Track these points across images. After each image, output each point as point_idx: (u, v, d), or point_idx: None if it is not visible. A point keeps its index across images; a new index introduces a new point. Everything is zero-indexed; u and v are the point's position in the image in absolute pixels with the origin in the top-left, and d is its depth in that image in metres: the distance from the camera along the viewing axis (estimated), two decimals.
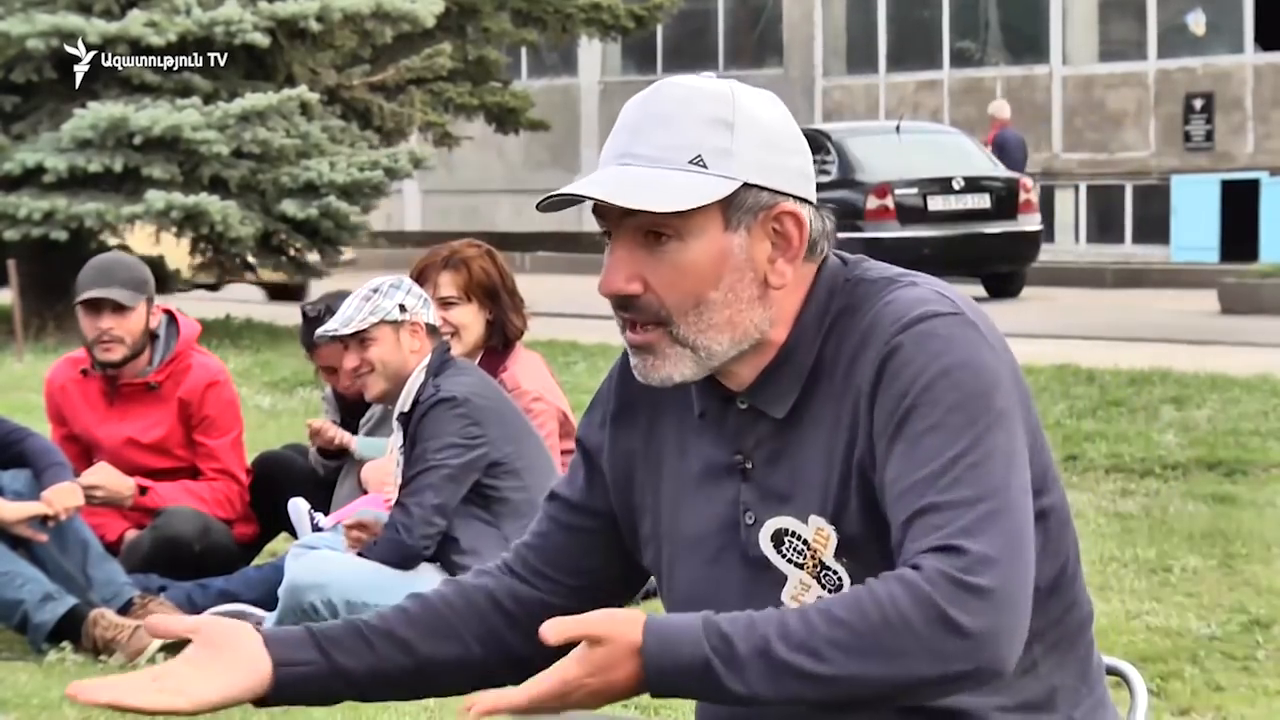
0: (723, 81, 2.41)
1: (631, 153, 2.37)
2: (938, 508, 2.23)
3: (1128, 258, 25.49)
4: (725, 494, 2.44)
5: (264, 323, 16.95)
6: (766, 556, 2.40)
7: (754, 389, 2.42)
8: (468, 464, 5.69)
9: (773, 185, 2.36)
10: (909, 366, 2.30)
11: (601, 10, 20.95)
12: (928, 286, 2.40)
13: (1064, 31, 27.90)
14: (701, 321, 2.36)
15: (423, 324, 5.83)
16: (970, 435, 2.26)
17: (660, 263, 2.37)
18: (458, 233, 17.30)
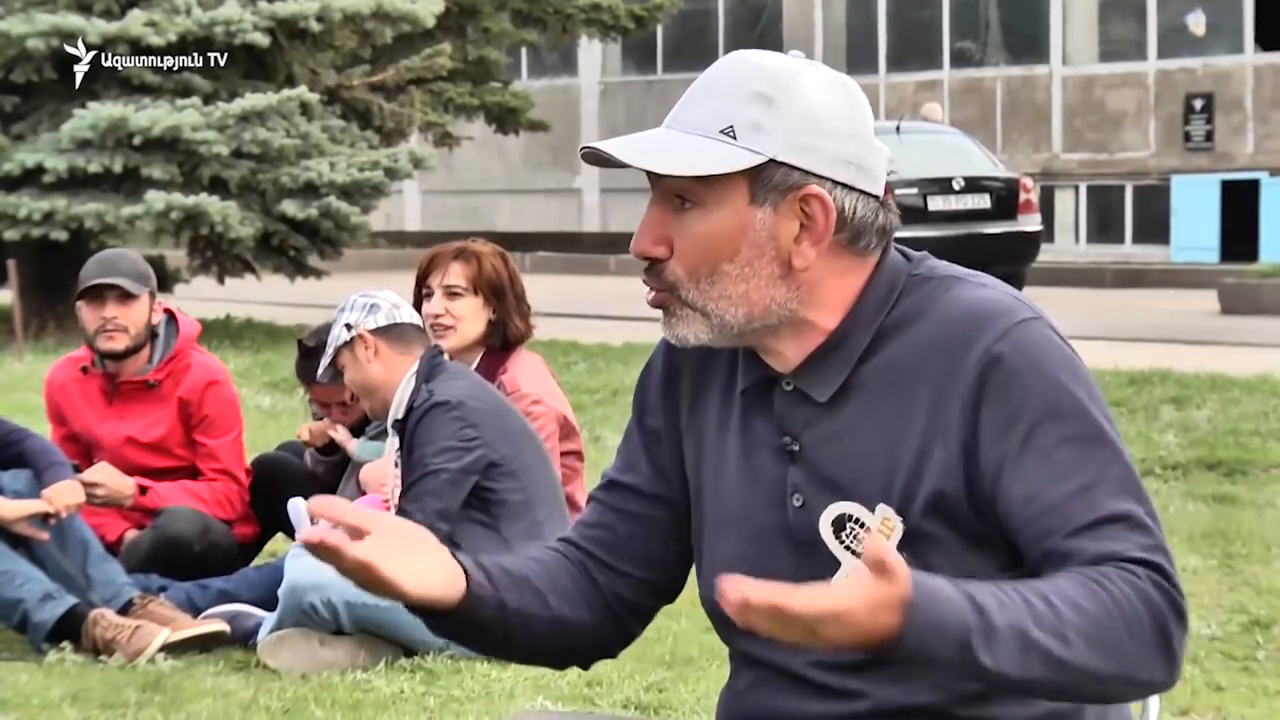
0: (793, 61, 2.40)
1: (678, 118, 2.40)
2: (1123, 521, 2.27)
3: (1128, 258, 25.49)
4: (770, 474, 2.44)
5: (264, 323, 16.95)
6: (821, 541, 2.38)
7: (800, 371, 2.42)
8: (466, 467, 5.69)
9: (804, 165, 2.35)
10: (1019, 377, 2.31)
11: (601, 10, 20.95)
12: (998, 288, 2.41)
13: (1064, 31, 27.90)
14: (714, 290, 2.37)
15: (367, 332, 5.81)
16: (1106, 441, 2.32)
17: (685, 227, 2.38)
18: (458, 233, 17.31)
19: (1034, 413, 2.31)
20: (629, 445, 2.62)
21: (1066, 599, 2.19)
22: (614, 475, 2.62)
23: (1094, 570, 2.23)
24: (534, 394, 6.29)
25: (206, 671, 5.71)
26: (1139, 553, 2.25)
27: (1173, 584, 2.26)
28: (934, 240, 19.46)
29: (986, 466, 2.32)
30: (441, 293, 6.27)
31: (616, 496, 2.60)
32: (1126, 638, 2.21)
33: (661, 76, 31.69)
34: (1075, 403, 2.33)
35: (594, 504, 2.63)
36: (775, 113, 2.35)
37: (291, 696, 5.40)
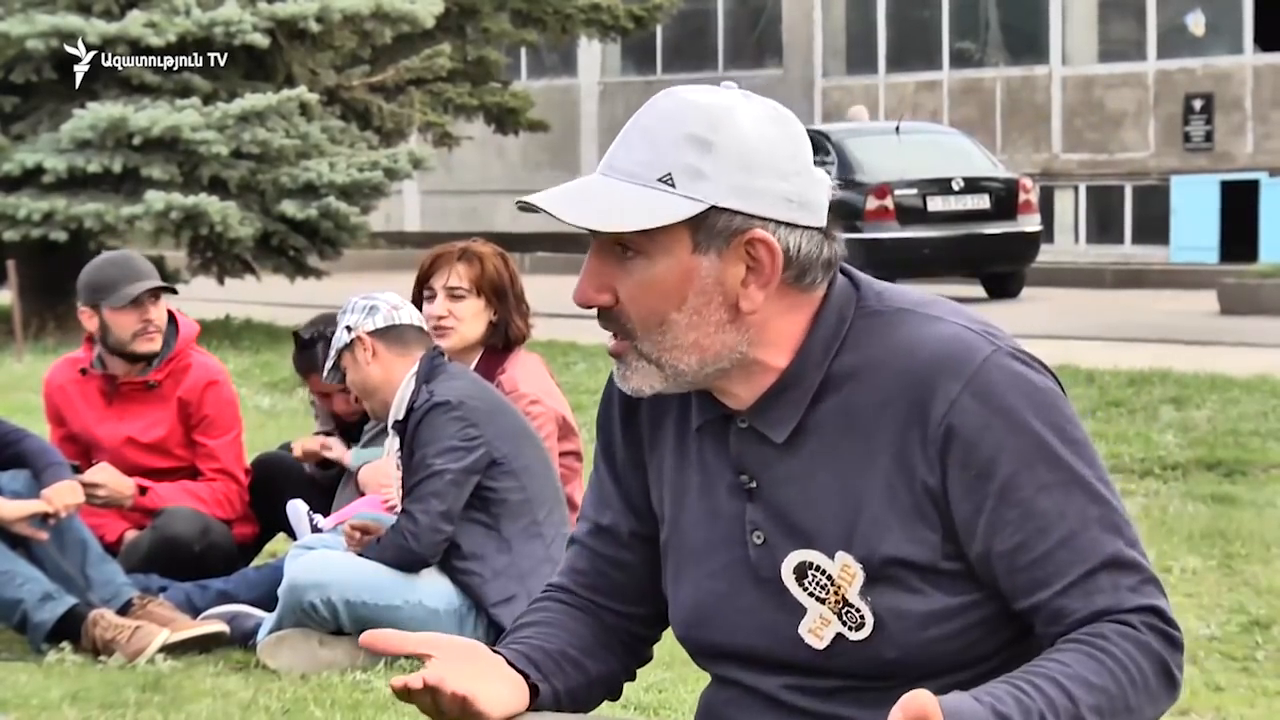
0: (724, 94, 2.35)
1: (612, 164, 2.35)
2: (1110, 567, 2.29)
3: (1127, 258, 25.48)
4: (729, 510, 2.42)
5: (264, 323, 16.95)
6: (784, 584, 2.38)
7: (754, 411, 2.39)
8: (469, 466, 5.69)
9: (747, 210, 2.30)
10: (987, 430, 2.29)
11: (601, 10, 20.94)
12: (950, 318, 2.37)
13: (1064, 32, 27.89)
14: (666, 340, 2.34)
15: (365, 334, 5.82)
16: (1081, 481, 2.31)
17: (628, 276, 2.34)
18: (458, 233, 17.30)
19: (1008, 465, 2.29)
20: (599, 483, 2.59)
21: (1076, 679, 2.23)
22: (593, 517, 2.59)
23: (1094, 635, 2.26)
24: (532, 394, 6.29)
25: (206, 672, 5.70)
26: (1130, 599, 2.28)
27: (1166, 620, 2.29)
28: (934, 240, 19.47)
29: (961, 518, 2.31)
30: (444, 294, 6.27)
31: (600, 541, 2.58)
32: (1135, 696, 2.26)
33: (661, 77, 31.69)
34: (1047, 448, 2.30)
35: (580, 549, 2.60)
36: (713, 157, 2.29)
37: (291, 696, 5.40)
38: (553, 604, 2.59)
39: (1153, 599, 2.29)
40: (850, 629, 2.34)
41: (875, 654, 2.34)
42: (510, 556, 5.76)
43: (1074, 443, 2.32)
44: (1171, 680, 2.30)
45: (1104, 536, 2.30)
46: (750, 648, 2.43)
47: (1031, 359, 2.37)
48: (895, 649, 2.33)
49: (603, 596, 2.57)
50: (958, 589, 2.33)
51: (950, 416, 2.29)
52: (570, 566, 2.61)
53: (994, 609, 2.35)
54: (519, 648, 2.49)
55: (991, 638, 2.36)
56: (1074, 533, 2.28)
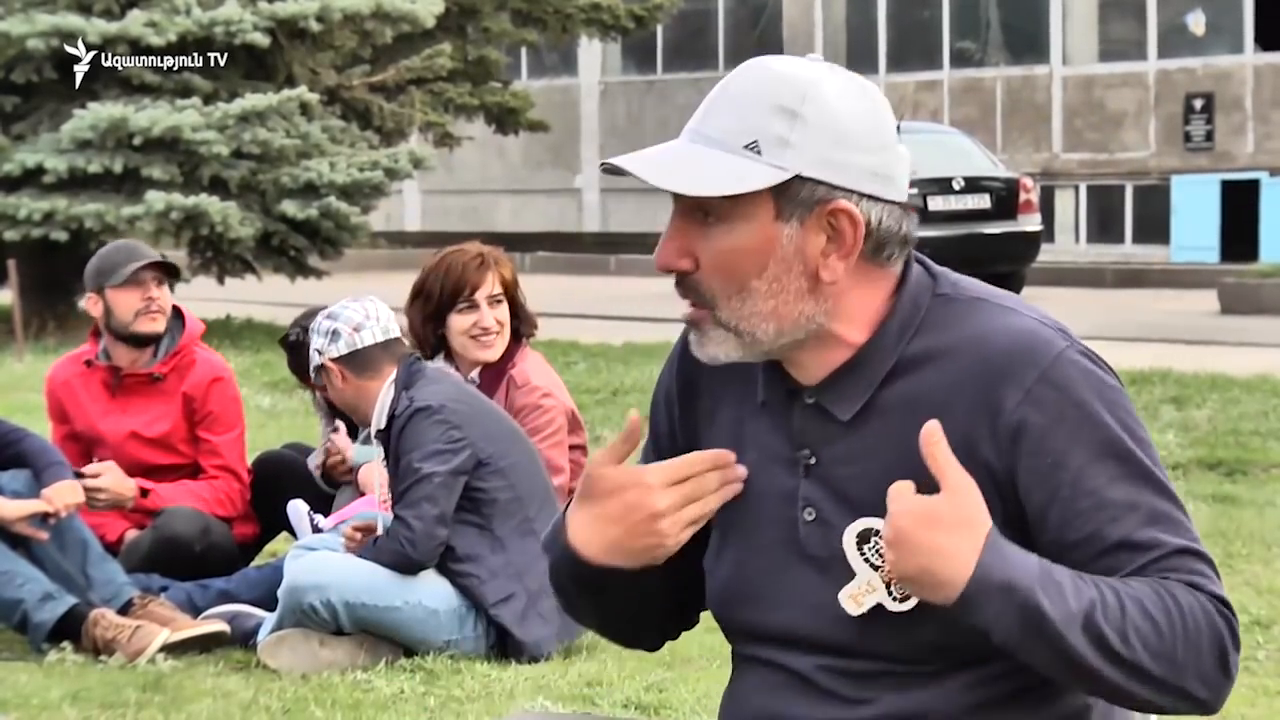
0: (815, 67, 2.37)
1: (699, 130, 2.36)
2: (1186, 554, 2.32)
3: (1128, 258, 25.49)
4: (781, 486, 2.43)
5: (264, 323, 16.95)
6: (832, 556, 2.38)
7: (823, 387, 2.40)
8: (456, 468, 5.69)
9: (830, 180, 2.33)
10: (1063, 422, 2.32)
11: (601, 10, 20.95)
12: (1025, 312, 2.40)
13: (1064, 31, 27.90)
14: (745, 308, 2.35)
15: (329, 361, 5.83)
16: (1152, 479, 2.35)
17: (709, 242, 2.36)
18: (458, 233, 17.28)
19: (1081, 456, 2.32)
20: (648, 458, 2.58)
21: (1136, 602, 2.25)
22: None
23: (1165, 583, 2.28)
24: (544, 387, 6.32)
25: (206, 671, 5.70)
26: (1204, 583, 2.31)
27: (1232, 614, 2.31)
28: (934, 240, 19.45)
29: (1032, 507, 2.33)
30: (489, 303, 6.29)
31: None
32: (1183, 651, 2.26)
33: (661, 76, 31.69)
34: (1119, 442, 2.34)
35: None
36: (801, 127, 2.32)
37: (291, 696, 5.40)
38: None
39: (1223, 592, 2.32)
40: (895, 600, 2.34)
41: (913, 632, 2.34)
42: (505, 555, 5.77)
43: (1142, 441, 2.37)
44: (1224, 666, 2.29)
45: (1176, 529, 2.34)
46: (788, 626, 2.42)
47: (1099, 359, 2.42)
48: (935, 629, 2.33)
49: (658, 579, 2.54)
50: None
51: (1025, 405, 2.32)
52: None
53: None
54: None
55: None
56: (1145, 524, 2.32)
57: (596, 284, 23.73)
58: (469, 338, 6.28)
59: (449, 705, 5.32)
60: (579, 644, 5.87)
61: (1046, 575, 2.23)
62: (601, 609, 2.54)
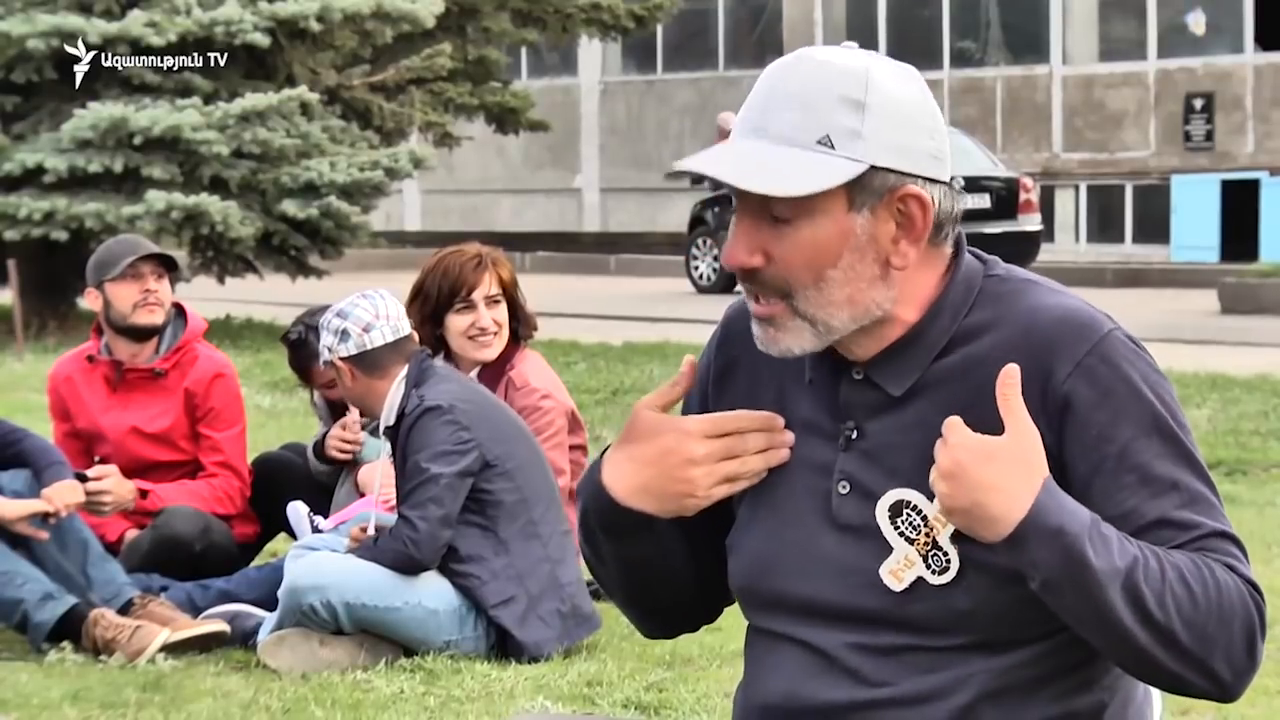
0: (859, 55, 2.38)
1: (764, 127, 2.36)
2: (1221, 537, 2.34)
3: (1128, 257, 25.49)
4: (818, 459, 2.43)
5: (264, 322, 16.95)
6: (866, 527, 2.39)
7: (875, 363, 2.41)
8: (463, 470, 5.69)
9: (900, 167, 2.34)
10: (1112, 396, 2.35)
11: (601, 10, 20.94)
12: (1073, 295, 2.44)
13: (1064, 31, 27.90)
14: (821, 297, 2.36)
15: (339, 360, 5.82)
16: (1193, 461, 2.36)
17: (782, 238, 2.36)
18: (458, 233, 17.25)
19: (1128, 430, 2.34)
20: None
21: (1177, 570, 2.28)
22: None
23: (1204, 560, 2.31)
24: (544, 388, 6.32)
25: (207, 671, 5.70)
26: (1238, 566, 2.33)
27: (1263, 600, 2.34)
28: None
29: (1077, 477, 2.34)
30: (486, 303, 6.29)
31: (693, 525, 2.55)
32: (1215, 626, 2.30)
33: (661, 76, 31.68)
34: (1164, 422, 2.36)
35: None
36: (868, 117, 2.33)
37: (291, 696, 5.40)
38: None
39: (1254, 577, 2.35)
40: (934, 573, 2.35)
41: (951, 603, 2.35)
42: (508, 558, 5.76)
43: (1184, 425, 2.39)
44: (1251, 647, 2.34)
45: (1213, 513, 2.35)
46: (816, 596, 2.42)
47: (1142, 346, 2.45)
48: (972, 600, 2.34)
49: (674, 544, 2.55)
50: None
51: (1075, 377, 2.34)
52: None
53: None
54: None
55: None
56: (1186, 503, 2.33)
57: (596, 284, 23.72)
58: (466, 338, 6.28)
59: (449, 705, 5.32)
60: (579, 644, 5.87)
61: (1095, 527, 2.26)
62: (624, 564, 2.52)
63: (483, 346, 6.26)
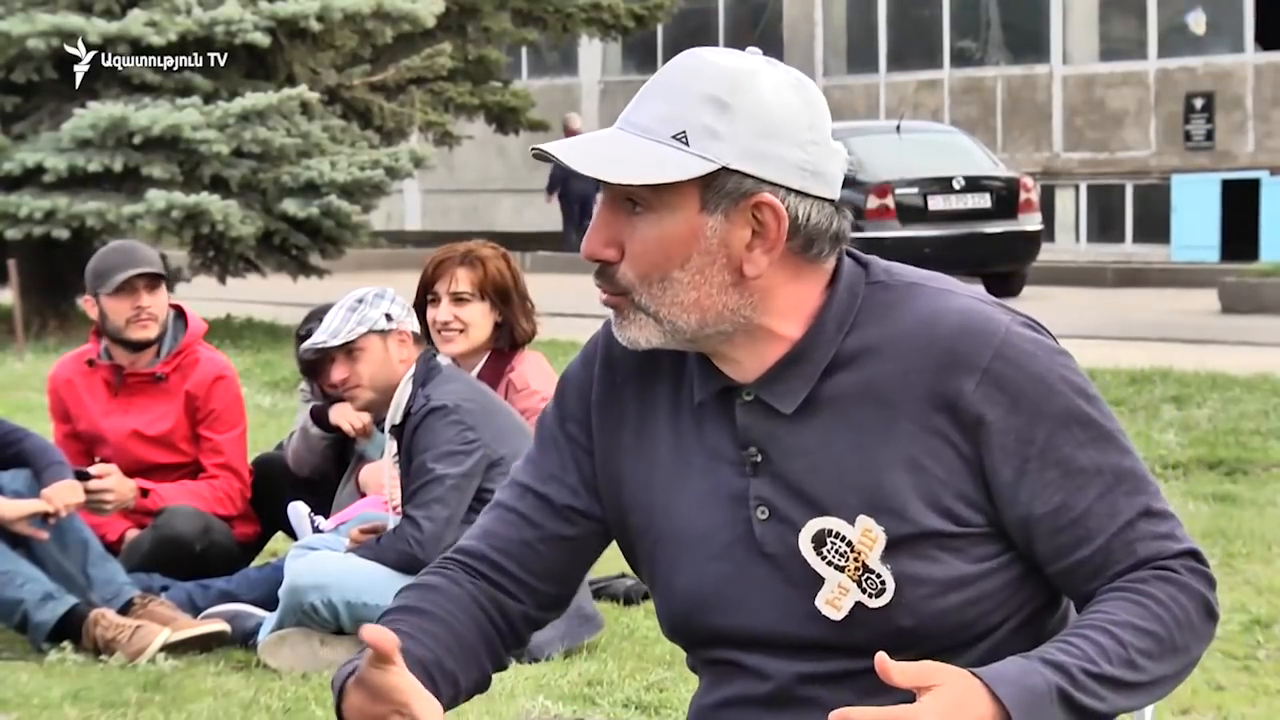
0: (750, 59, 2.34)
1: (630, 118, 2.35)
2: (1146, 516, 2.35)
3: (1128, 257, 25.48)
4: (729, 487, 2.40)
5: (265, 322, 16.95)
6: (797, 555, 2.36)
7: (761, 382, 2.38)
8: (469, 470, 5.68)
9: (757, 173, 2.30)
10: (1022, 397, 2.33)
11: (601, 10, 20.95)
12: (964, 294, 2.41)
13: (1064, 31, 27.89)
14: (665, 296, 2.33)
15: (409, 333, 5.82)
16: (1110, 436, 2.36)
17: (634, 232, 2.33)
18: (458, 233, 17.26)
19: (1046, 426, 2.33)
20: (554, 451, 2.52)
21: (1124, 625, 2.29)
22: (534, 485, 2.52)
23: (1135, 582, 2.33)
24: (543, 391, 6.31)
25: (207, 671, 5.70)
26: (1169, 546, 2.35)
27: (1201, 560, 2.36)
28: (934, 240, 19.46)
29: (1001, 482, 2.34)
30: (449, 299, 6.27)
31: (541, 512, 2.51)
32: (1182, 635, 2.32)
33: None
34: (1077, 408, 2.35)
35: (505, 514, 2.52)
36: (730, 118, 2.29)
37: (292, 696, 5.40)
38: (449, 584, 2.49)
39: (1188, 543, 2.36)
40: (870, 595, 2.34)
41: (894, 622, 2.33)
42: None
43: (1094, 399, 2.38)
44: (1211, 615, 2.36)
45: (1137, 487, 2.36)
46: (756, 628, 2.40)
47: (1040, 325, 2.42)
48: (913, 616, 2.33)
49: (516, 566, 2.50)
50: (977, 555, 2.35)
51: (983, 386, 2.32)
52: (487, 530, 2.52)
53: (1010, 576, 2.37)
54: (428, 671, 2.39)
55: (1005, 606, 2.38)
56: (1110, 486, 2.34)
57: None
58: (436, 332, 6.27)
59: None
60: (580, 644, 5.87)
61: (1045, 663, 2.24)
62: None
63: (445, 341, 6.23)
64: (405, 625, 2.42)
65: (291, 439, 6.75)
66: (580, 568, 2.55)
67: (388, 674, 2.25)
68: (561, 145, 2.34)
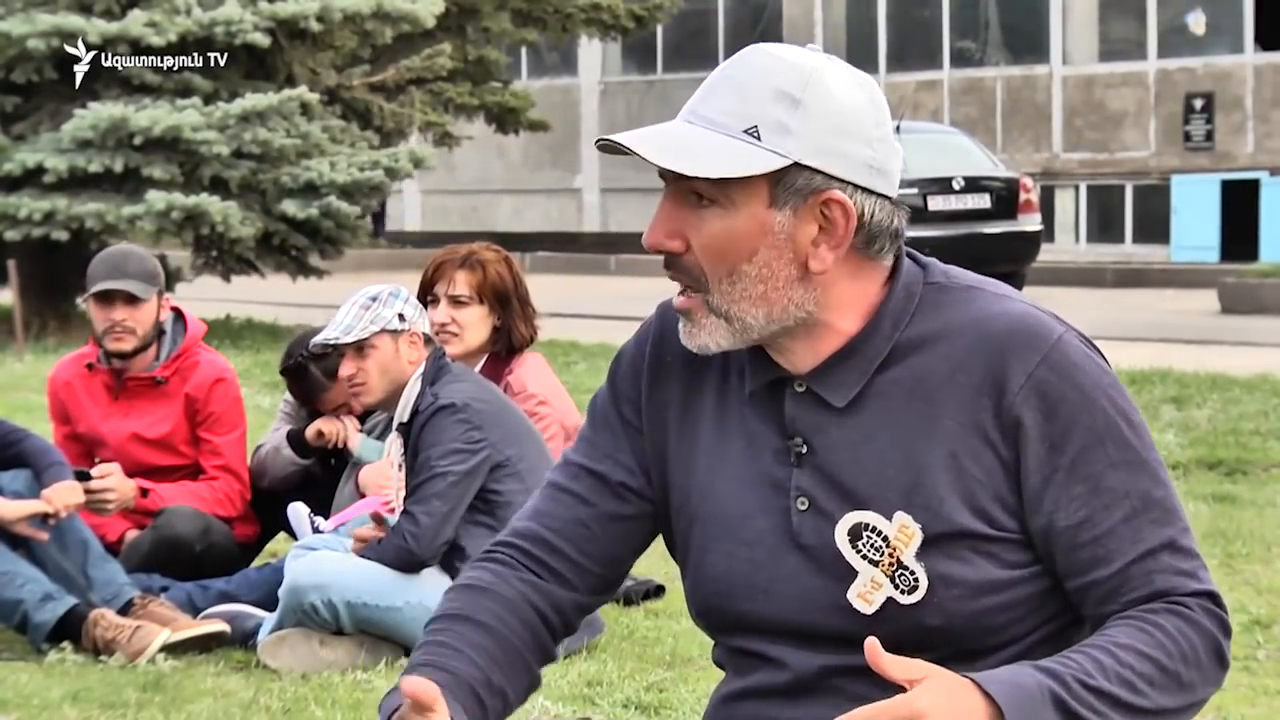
0: (815, 56, 2.37)
1: (698, 111, 2.36)
2: (1170, 550, 2.35)
3: (1128, 258, 25.49)
4: (770, 475, 2.41)
5: (265, 323, 16.96)
6: (832, 547, 2.37)
7: (815, 374, 2.39)
8: (472, 469, 5.68)
9: (827, 170, 2.32)
10: (1064, 404, 2.34)
11: (601, 10, 20.94)
12: (1021, 300, 2.42)
13: (1064, 31, 27.89)
14: (735, 292, 2.35)
15: (420, 334, 5.82)
16: (1145, 464, 2.37)
17: (702, 225, 2.35)
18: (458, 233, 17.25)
19: (1080, 439, 2.34)
20: (607, 431, 2.54)
21: (1127, 648, 2.28)
22: (589, 464, 2.54)
23: (1146, 612, 2.31)
24: (540, 395, 6.31)
25: (207, 671, 5.70)
26: (1187, 583, 2.34)
27: (1219, 604, 2.35)
28: (934, 240, 19.45)
29: (1029, 489, 2.34)
30: (447, 302, 6.27)
31: (596, 491, 2.53)
32: (1187, 671, 2.30)
33: (661, 76, 31.67)
34: (1116, 428, 2.37)
35: (556, 493, 2.54)
36: (801, 114, 2.32)
37: (292, 696, 5.40)
38: (498, 584, 2.54)
39: (1208, 585, 2.35)
40: (903, 592, 2.34)
41: (922, 621, 2.34)
42: None
43: (1137, 426, 2.39)
44: (1222, 661, 2.34)
45: (1165, 519, 2.36)
46: (782, 617, 2.41)
47: (1094, 345, 2.43)
48: (941, 616, 2.34)
49: (570, 547, 2.52)
50: (1010, 562, 2.35)
51: (1027, 390, 2.33)
52: (540, 510, 2.55)
53: (1041, 586, 2.37)
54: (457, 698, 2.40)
55: (1033, 616, 2.38)
56: (1137, 511, 2.34)
57: (596, 284, 23.72)
58: (433, 333, 6.28)
59: None
60: (580, 645, 5.87)
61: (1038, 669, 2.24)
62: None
63: (441, 344, 6.24)
64: (452, 639, 2.47)
65: (260, 449, 6.76)
66: (630, 552, 2.56)
67: None
68: (631, 136, 2.35)
